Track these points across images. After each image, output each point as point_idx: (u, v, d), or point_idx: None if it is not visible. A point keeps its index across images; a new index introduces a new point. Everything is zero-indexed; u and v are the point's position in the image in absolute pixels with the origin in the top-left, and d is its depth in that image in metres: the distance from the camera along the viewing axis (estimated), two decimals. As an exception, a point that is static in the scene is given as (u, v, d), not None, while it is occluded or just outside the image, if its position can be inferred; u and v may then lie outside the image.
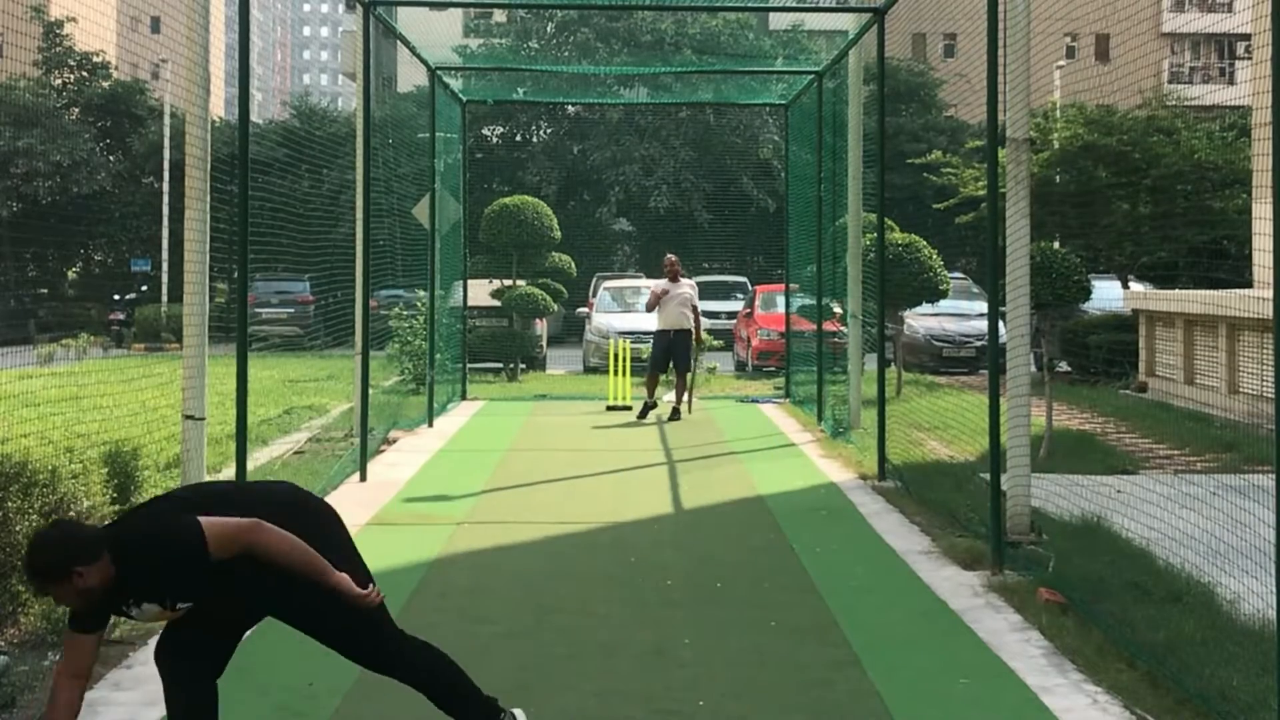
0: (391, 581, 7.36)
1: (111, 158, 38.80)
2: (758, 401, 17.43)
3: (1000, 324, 8.14)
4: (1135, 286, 21.18)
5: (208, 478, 8.73)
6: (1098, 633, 6.08)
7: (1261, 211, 7.72)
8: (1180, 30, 45.28)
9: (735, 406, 16.97)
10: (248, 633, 4.52)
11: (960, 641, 6.22)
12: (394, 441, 13.08)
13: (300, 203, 16.46)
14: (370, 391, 11.90)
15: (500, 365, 21.34)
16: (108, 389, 10.10)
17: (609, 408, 16.15)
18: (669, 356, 15.53)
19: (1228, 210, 19.95)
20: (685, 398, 15.54)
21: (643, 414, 15.17)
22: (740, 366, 23.34)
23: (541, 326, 23.25)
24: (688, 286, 15.85)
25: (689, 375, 15.55)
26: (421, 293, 16.65)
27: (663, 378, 16.31)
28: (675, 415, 15.22)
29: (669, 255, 16.40)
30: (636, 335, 19.86)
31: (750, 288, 28.17)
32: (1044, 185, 18.97)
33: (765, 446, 13.15)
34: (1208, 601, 6.36)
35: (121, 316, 32.35)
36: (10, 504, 6.04)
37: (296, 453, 12.14)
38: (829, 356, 14.99)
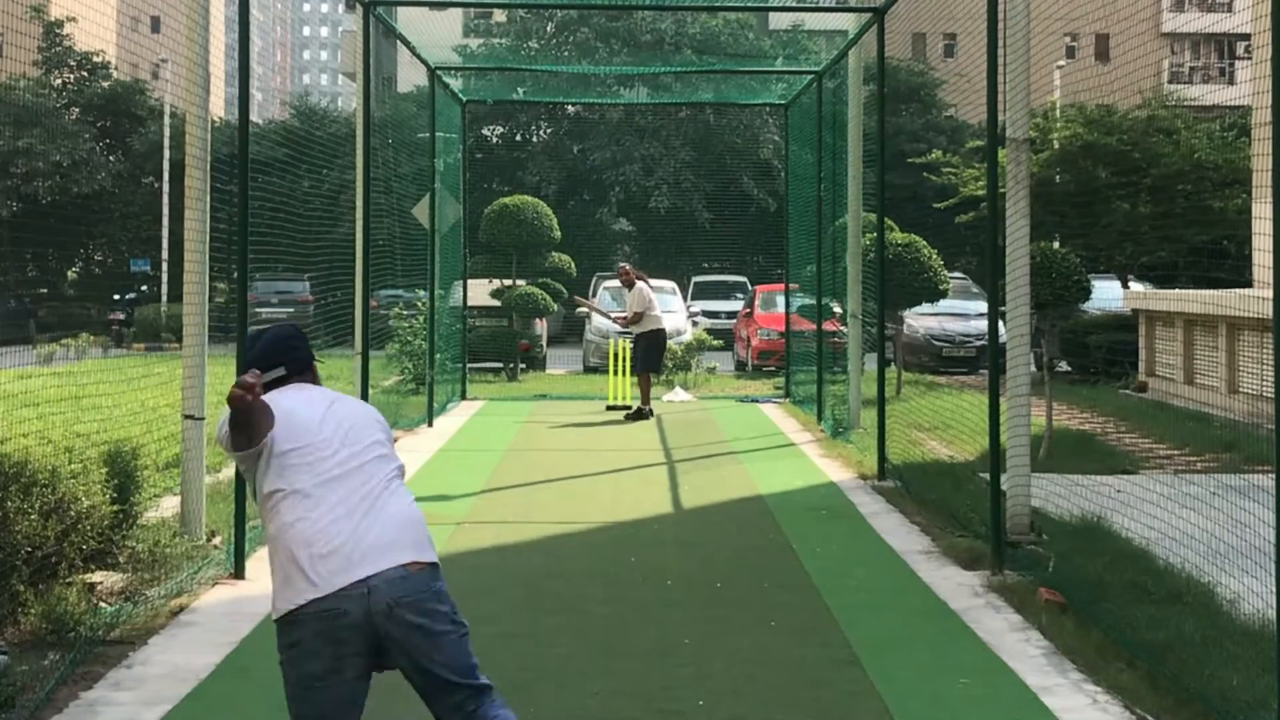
0: (391, 581, 7.37)
1: (111, 158, 38.79)
2: (758, 401, 17.43)
3: (1000, 324, 8.14)
4: (1135, 286, 21.17)
5: (207, 478, 8.74)
6: (1098, 633, 6.08)
7: (1261, 211, 7.71)
8: (1180, 30, 45.27)
9: (735, 406, 16.97)
10: (244, 636, 4.50)
11: (960, 641, 6.22)
12: (394, 441, 13.07)
13: (300, 203, 16.45)
14: (370, 391, 11.90)
15: (500, 365, 21.34)
16: (108, 389, 10.11)
17: (609, 407, 16.15)
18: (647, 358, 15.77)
19: (1228, 210, 19.93)
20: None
21: (640, 416, 15.27)
22: (740, 366, 23.34)
23: (541, 326, 23.25)
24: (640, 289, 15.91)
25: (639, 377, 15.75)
26: (421, 293, 16.64)
27: (658, 378, 16.33)
28: (640, 415, 15.29)
29: (622, 265, 16.63)
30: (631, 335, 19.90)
31: (750, 288, 28.17)
32: (1044, 185, 18.97)
33: (765, 446, 13.14)
34: (1208, 601, 6.36)
35: (121, 316, 32.35)
36: (10, 504, 6.04)
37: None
38: (829, 356, 14.99)
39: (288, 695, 3.62)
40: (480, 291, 20.89)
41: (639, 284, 15.83)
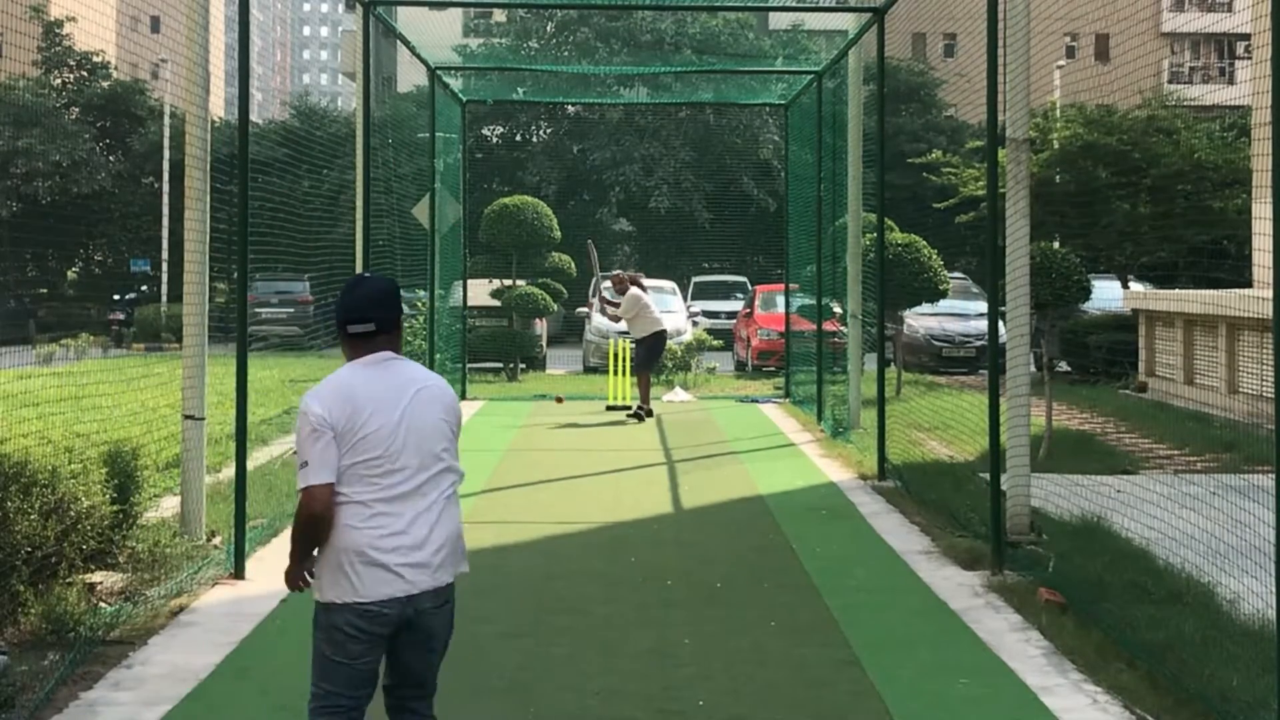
0: (391, 581, 7.37)
1: (111, 158, 38.77)
2: (758, 401, 17.43)
3: (1000, 324, 8.14)
4: (1135, 286, 21.17)
5: (208, 478, 8.74)
6: (1098, 633, 6.08)
7: (1261, 211, 7.71)
8: (1180, 30, 45.27)
9: (735, 406, 16.97)
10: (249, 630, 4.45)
11: (960, 641, 6.22)
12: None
13: (300, 203, 16.45)
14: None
15: (500, 365, 21.34)
16: (107, 389, 10.11)
17: (609, 408, 16.14)
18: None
19: (1228, 210, 19.92)
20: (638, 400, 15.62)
21: (642, 415, 15.25)
22: (740, 366, 23.34)
23: (541, 326, 23.25)
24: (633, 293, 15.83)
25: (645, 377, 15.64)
26: (421, 293, 16.64)
27: (657, 379, 16.25)
28: (638, 417, 15.21)
29: (617, 272, 16.52)
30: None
31: (750, 288, 28.16)
32: (1044, 185, 18.95)
33: (765, 446, 13.14)
34: (1208, 601, 6.36)
35: (121, 316, 32.34)
36: (10, 504, 6.04)
37: (296, 453, 12.11)
38: (829, 356, 14.99)
39: (315, 664, 3.86)
40: (480, 291, 20.90)
41: (632, 290, 15.79)
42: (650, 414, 15.30)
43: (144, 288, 37.08)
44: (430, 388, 3.98)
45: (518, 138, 40.18)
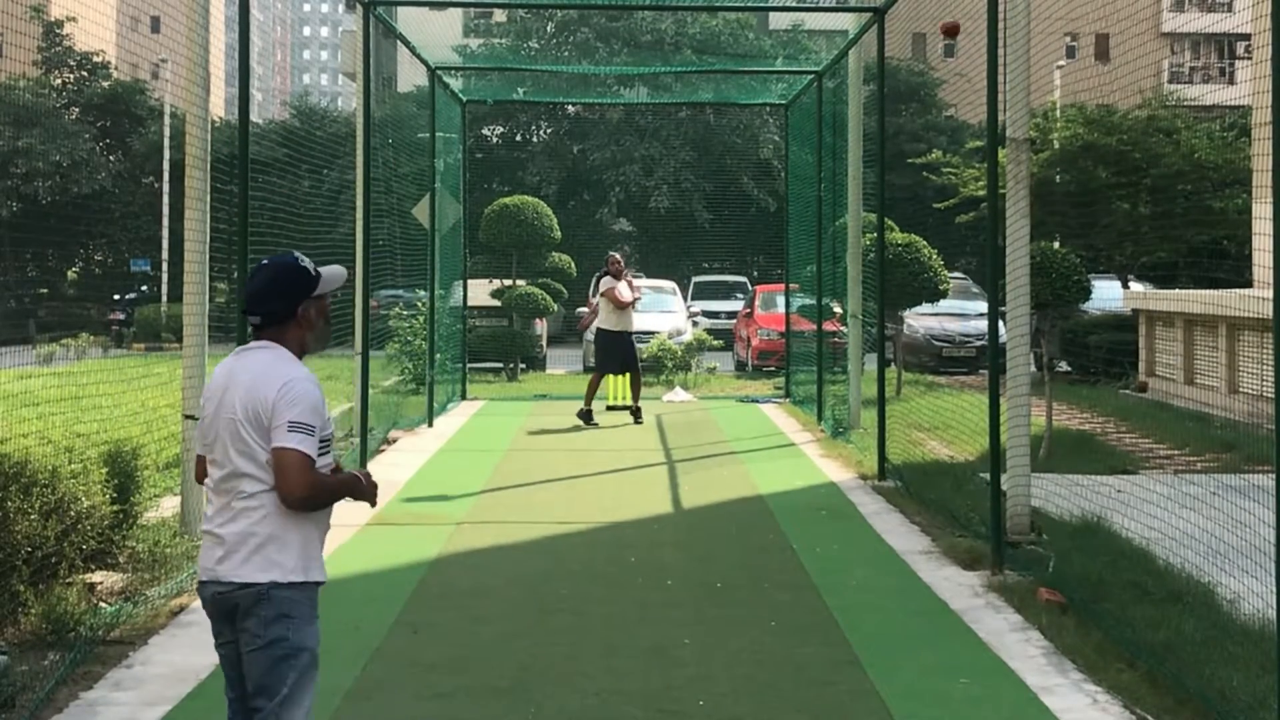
0: (391, 581, 7.38)
1: (111, 158, 38.77)
2: (758, 401, 17.43)
3: (1000, 324, 8.15)
4: (1135, 286, 21.16)
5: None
6: (1098, 633, 6.08)
7: (1261, 211, 7.71)
8: (1180, 30, 45.25)
9: (735, 406, 16.97)
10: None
11: (960, 641, 6.22)
12: (394, 441, 13.08)
13: (300, 203, 16.44)
14: (370, 391, 11.89)
15: (500, 365, 21.35)
16: (108, 389, 10.10)
17: (609, 408, 16.13)
18: (621, 358, 15.09)
19: (1228, 210, 19.92)
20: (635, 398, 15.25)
21: (587, 419, 14.74)
22: (740, 366, 23.34)
23: (541, 326, 23.25)
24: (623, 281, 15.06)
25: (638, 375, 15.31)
26: (421, 293, 16.63)
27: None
28: (638, 417, 14.98)
29: (612, 254, 15.72)
30: (636, 335, 19.79)
31: (750, 288, 28.17)
32: (1044, 185, 18.95)
33: (765, 446, 13.14)
34: (1208, 601, 6.36)
35: (121, 316, 32.33)
36: (10, 504, 6.03)
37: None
38: (829, 356, 14.98)
39: None
40: (480, 291, 20.89)
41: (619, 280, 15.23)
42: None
43: (144, 288, 37.07)
44: (237, 386, 3.73)
45: (518, 138, 40.19)
